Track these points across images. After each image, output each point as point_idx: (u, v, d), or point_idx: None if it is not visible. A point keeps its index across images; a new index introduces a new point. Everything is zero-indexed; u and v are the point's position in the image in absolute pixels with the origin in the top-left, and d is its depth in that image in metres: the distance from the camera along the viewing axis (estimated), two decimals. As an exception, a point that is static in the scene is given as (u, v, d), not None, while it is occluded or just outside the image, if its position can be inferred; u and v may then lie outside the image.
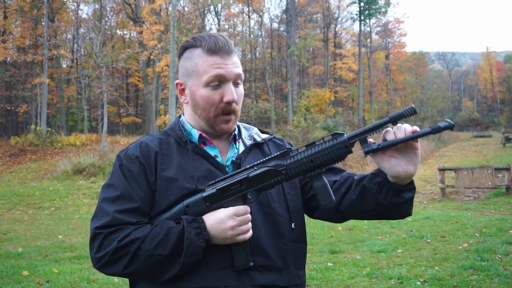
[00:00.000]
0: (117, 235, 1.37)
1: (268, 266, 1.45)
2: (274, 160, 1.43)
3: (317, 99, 36.35)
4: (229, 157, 1.55)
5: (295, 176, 1.43)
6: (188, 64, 1.52)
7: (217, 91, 1.48)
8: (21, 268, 6.35)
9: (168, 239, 1.36)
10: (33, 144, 24.40)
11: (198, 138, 1.54)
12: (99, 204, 1.45)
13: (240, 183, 1.42)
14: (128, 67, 36.37)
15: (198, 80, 1.49)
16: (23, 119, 37.19)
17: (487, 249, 6.44)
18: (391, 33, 50.87)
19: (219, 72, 1.46)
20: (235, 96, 1.48)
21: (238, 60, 1.53)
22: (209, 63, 1.47)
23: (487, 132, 45.76)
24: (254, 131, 1.66)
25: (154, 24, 29.93)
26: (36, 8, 32.06)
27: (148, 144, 1.51)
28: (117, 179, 1.46)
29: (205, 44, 1.48)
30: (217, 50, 1.47)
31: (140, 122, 39.29)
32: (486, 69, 69.74)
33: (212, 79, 1.46)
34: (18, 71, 31.98)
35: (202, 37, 1.51)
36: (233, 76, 1.48)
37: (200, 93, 1.49)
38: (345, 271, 5.82)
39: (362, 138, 1.38)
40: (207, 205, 1.42)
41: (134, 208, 1.42)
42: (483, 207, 12.29)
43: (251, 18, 40.61)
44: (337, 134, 1.40)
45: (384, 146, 1.38)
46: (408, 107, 1.34)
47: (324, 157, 1.39)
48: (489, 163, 19.72)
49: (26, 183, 17.93)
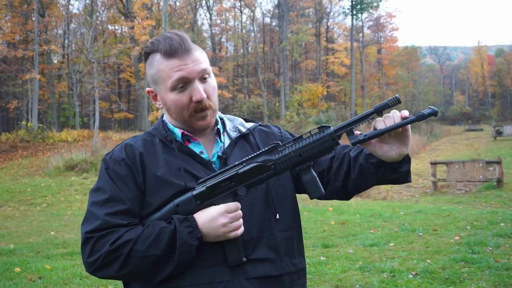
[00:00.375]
0: (109, 238, 1.37)
1: (260, 259, 1.46)
2: (262, 155, 1.44)
3: (310, 93, 36.39)
4: (215, 152, 1.55)
5: (284, 170, 1.44)
6: (152, 71, 1.51)
7: (184, 92, 1.47)
8: (13, 265, 6.32)
9: (160, 239, 1.36)
10: (24, 140, 24.24)
11: (181, 136, 1.53)
12: (88, 208, 1.45)
13: (230, 180, 1.43)
14: (120, 62, 36.18)
15: (164, 86, 1.49)
16: (14, 115, 36.93)
17: (478, 242, 6.49)
18: (383, 27, 50.95)
19: (180, 74, 1.45)
20: (203, 94, 1.47)
21: (200, 55, 1.50)
22: (169, 67, 1.46)
23: (478, 125, 46.09)
24: (239, 122, 1.66)
25: (145, 19, 29.76)
26: (26, 3, 31.74)
27: (133, 146, 1.51)
28: (104, 182, 1.46)
29: (161, 48, 1.46)
30: (174, 52, 1.45)
31: (132, 118, 39.12)
32: (477, 63, 70.09)
33: (176, 83, 1.46)
34: (9, 67, 31.69)
35: (158, 41, 1.48)
36: (196, 74, 1.47)
37: (169, 98, 1.49)
38: (337, 264, 5.85)
39: (348, 130, 1.40)
40: (198, 203, 1.43)
41: (123, 210, 1.41)
42: (474, 200, 12.39)
43: (243, 13, 40.56)
44: (324, 127, 1.42)
45: (370, 137, 1.40)
46: (392, 97, 1.38)
47: (312, 151, 1.41)
48: (480, 156, 19.85)
49: (17, 180, 17.82)
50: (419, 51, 64.03)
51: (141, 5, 31.33)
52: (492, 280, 4.83)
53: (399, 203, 12.76)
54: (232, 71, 45.77)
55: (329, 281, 5.22)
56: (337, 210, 11.18)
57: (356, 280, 5.18)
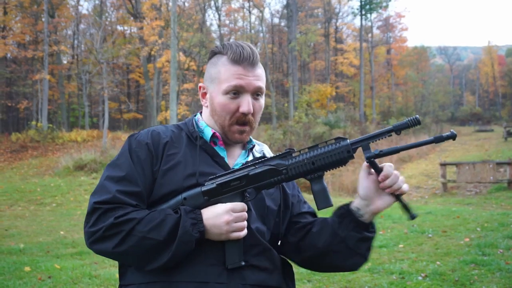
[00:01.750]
0: (115, 212, 1.39)
1: (259, 266, 1.46)
2: (275, 159, 1.45)
3: (318, 94, 36.29)
4: (238, 162, 1.58)
5: (295, 177, 1.44)
6: (212, 70, 1.55)
7: (234, 100, 1.50)
8: (23, 264, 6.35)
9: (163, 224, 1.37)
10: (34, 140, 24.41)
11: (210, 136, 1.55)
12: (101, 181, 1.47)
13: (240, 180, 1.43)
14: (129, 63, 36.32)
15: (219, 87, 1.52)
16: (24, 115, 37.19)
17: (489, 244, 6.44)
18: (392, 27, 50.72)
19: (239, 82, 1.48)
20: (251, 108, 1.50)
21: (262, 73, 1.54)
22: (231, 72, 1.49)
23: (488, 126, 45.68)
24: (265, 148, 1.70)
25: (154, 20, 29.87)
26: (36, 4, 31.99)
27: (160, 134, 1.54)
28: (124, 160, 1.48)
29: (230, 52, 1.50)
30: (241, 61, 1.49)
31: (141, 118, 39.29)
32: (487, 63, 69.51)
33: (231, 89, 1.49)
34: (19, 67, 31.95)
35: (230, 45, 1.53)
36: (252, 89, 1.50)
37: (219, 100, 1.52)
38: (346, 266, 5.82)
39: (364, 144, 1.40)
40: (205, 199, 1.43)
41: (135, 192, 1.44)
42: (485, 202, 12.29)
43: (252, 13, 40.54)
44: (340, 138, 1.42)
45: (386, 152, 1.39)
46: (412, 117, 1.37)
47: (325, 160, 1.41)
48: (490, 157, 19.69)
49: (27, 179, 17.95)
50: (428, 51, 63.66)
51: (150, 6, 31.45)
52: (503, 282, 4.79)
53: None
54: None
55: (337, 283, 5.20)
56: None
57: (365, 282, 5.15)
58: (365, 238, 1.48)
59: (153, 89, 31.58)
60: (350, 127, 29.58)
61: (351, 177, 17.50)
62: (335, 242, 1.49)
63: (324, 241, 1.51)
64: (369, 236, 1.49)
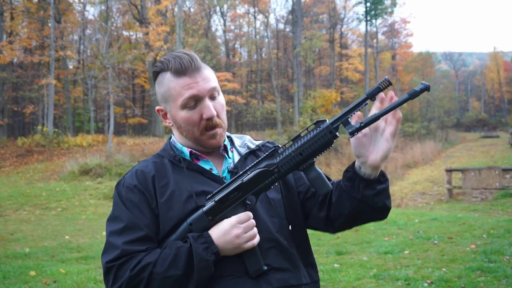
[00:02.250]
0: (129, 264, 1.38)
1: (279, 268, 1.46)
2: (264, 161, 1.45)
3: (323, 99, 36.27)
4: (224, 168, 1.57)
5: (288, 172, 1.44)
6: (162, 90, 1.54)
7: (195, 110, 1.49)
8: (28, 268, 6.37)
9: (178, 259, 1.37)
10: (40, 145, 24.50)
11: (189, 154, 1.55)
12: (107, 239, 1.47)
13: (237, 190, 1.43)
14: (134, 68, 36.44)
15: (175, 104, 1.50)
16: (30, 120, 37.35)
17: (495, 251, 6.40)
18: (398, 33, 50.69)
19: (191, 92, 1.47)
20: (213, 111, 1.49)
21: (209, 73, 1.52)
22: (180, 85, 1.48)
23: (494, 132, 45.55)
24: (247, 139, 1.68)
25: (160, 25, 29.99)
26: (42, 9, 32.21)
27: (143, 171, 1.52)
28: (120, 210, 1.48)
29: (171, 66, 1.49)
30: (184, 71, 1.47)
31: (146, 123, 39.36)
32: (493, 69, 69.35)
33: (187, 101, 1.48)
34: (25, 72, 32.12)
35: (168, 60, 1.51)
36: (206, 92, 1.49)
37: (180, 116, 1.51)
38: (351, 272, 5.80)
39: (344, 121, 1.38)
40: (210, 219, 1.43)
41: (141, 237, 1.43)
42: (491, 208, 12.23)
43: (257, 18, 40.68)
44: (320, 121, 1.41)
45: (367, 123, 1.37)
46: (382, 79, 1.35)
47: (311, 147, 1.40)
48: (496, 163, 19.60)
49: (33, 184, 18.01)
50: (434, 57, 63.52)
51: (155, 12, 31.60)
52: (510, 289, 4.76)
53: (414, 211, 12.64)
54: (245, 77, 45.89)
55: (343, 289, 5.18)
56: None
57: (370, 288, 5.13)
58: (379, 191, 1.46)
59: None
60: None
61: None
62: (355, 205, 1.47)
63: (347, 207, 1.49)
64: (382, 188, 1.47)
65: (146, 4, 33.68)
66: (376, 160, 1.42)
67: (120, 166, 18.66)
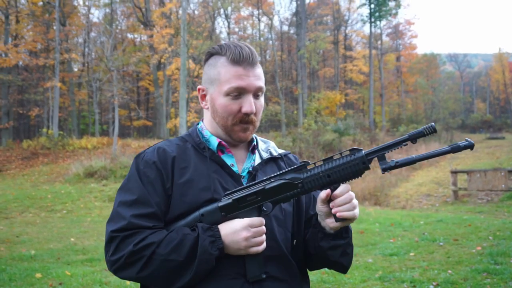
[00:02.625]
0: (133, 238, 1.39)
1: (279, 278, 1.47)
2: (290, 173, 1.44)
3: (328, 101, 36.25)
4: (245, 167, 1.57)
5: (311, 190, 1.43)
6: (212, 72, 1.53)
7: (236, 101, 1.49)
8: (34, 271, 6.39)
9: (183, 245, 1.37)
10: (45, 148, 24.60)
11: (217, 146, 1.54)
12: (115, 207, 1.47)
13: (256, 195, 1.43)
14: (139, 70, 36.56)
15: (219, 88, 1.50)
16: (35, 123, 37.51)
17: (501, 252, 6.37)
18: (402, 34, 50.63)
19: (240, 83, 1.48)
20: (254, 108, 1.50)
21: (261, 72, 1.54)
22: (232, 74, 1.48)
23: (500, 134, 45.30)
24: (271, 145, 1.68)
25: (164, 28, 30.06)
26: (47, 13, 32.35)
27: (166, 150, 1.52)
28: (134, 183, 1.48)
29: (229, 53, 1.49)
30: (241, 61, 1.48)
31: (151, 125, 39.45)
32: (498, 70, 69.08)
33: (233, 90, 1.48)
34: (30, 75, 32.28)
35: (228, 46, 1.52)
36: (253, 89, 1.50)
37: (220, 102, 1.51)
38: (357, 274, 5.79)
39: (380, 155, 1.37)
40: (223, 215, 1.43)
41: (150, 213, 1.43)
42: (497, 210, 12.17)
43: (261, 21, 40.66)
44: (355, 149, 1.40)
45: (402, 164, 1.37)
46: (428, 125, 1.34)
47: (341, 172, 1.39)
48: (502, 165, 19.51)
49: (38, 186, 18.07)
50: (438, 58, 63.35)
51: (160, 14, 31.69)
52: (516, 292, 4.73)
53: (419, 212, 12.60)
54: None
55: (348, 291, 5.17)
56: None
57: (376, 290, 5.12)
58: (334, 246, 1.48)
59: (162, 97, 31.73)
60: (360, 134, 29.49)
61: (361, 184, 17.42)
62: (316, 249, 1.51)
63: (311, 250, 1.55)
64: (339, 244, 1.48)
65: (151, 6, 33.82)
66: (330, 227, 1.46)
67: (125, 168, 18.69)
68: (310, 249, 1.55)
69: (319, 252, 1.51)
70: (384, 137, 32.01)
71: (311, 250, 1.55)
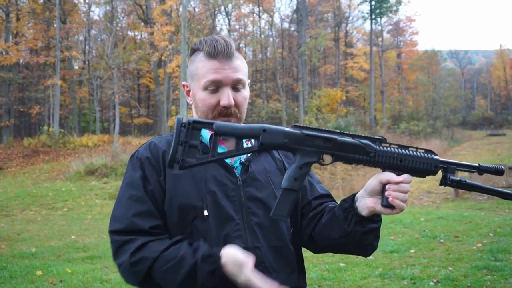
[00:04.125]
0: (129, 246, 1.39)
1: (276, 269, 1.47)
2: (367, 139, 1.39)
3: (328, 98, 36.22)
4: (237, 158, 1.55)
5: (379, 164, 1.39)
6: (191, 67, 1.56)
7: (214, 95, 1.50)
8: (34, 268, 6.40)
9: (180, 267, 1.34)
10: (46, 145, 24.62)
11: (209, 138, 1.54)
12: (115, 205, 1.49)
13: (325, 141, 1.35)
14: (140, 68, 36.55)
15: (198, 83, 1.52)
16: (36, 121, 37.53)
17: (502, 249, 6.37)
18: (403, 31, 50.55)
19: (216, 77, 1.48)
20: (232, 101, 1.49)
21: (240, 64, 1.52)
22: (208, 68, 1.49)
23: (500, 130, 45.32)
24: None
25: (165, 25, 30.03)
26: (48, 10, 32.34)
27: (157, 144, 1.54)
28: (130, 180, 1.49)
29: (206, 47, 1.50)
30: (216, 55, 1.49)
31: (152, 123, 39.44)
32: (499, 67, 69.01)
33: (209, 84, 1.49)
34: (31, 73, 32.28)
35: (205, 41, 1.53)
36: (230, 81, 1.49)
37: (199, 96, 1.53)
38: (357, 271, 5.79)
39: (451, 168, 1.39)
40: (285, 142, 1.33)
41: (146, 211, 1.43)
42: (497, 207, 12.16)
43: (262, 18, 40.64)
44: (430, 151, 1.40)
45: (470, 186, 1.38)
46: (498, 167, 1.40)
47: (413, 163, 1.38)
48: (503, 162, 19.50)
49: (39, 184, 18.09)
50: (439, 55, 63.22)
51: (160, 12, 31.63)
52: (516, 288, 4.73)
53: (420, 209, 12.60)
54: (250, 76, 45.85)
55: (348, 288, 5.17)
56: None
57: (376, 287, 5.12)
58: (369, 230, 1.47)
59: (163, 94, 31.73)
60: (361, 131, 29.48)
61: (362, 182, 17.42)
62: (343, 235, 1.48)
63: (335, 235, 1.50)
64: (373, 228, 1.47)
65: (151, 4, 33.76)
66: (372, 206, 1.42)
67: (126, 166, 18.72)
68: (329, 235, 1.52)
69: (347, 238, 1.48)
70: (385, 134, 31.99)
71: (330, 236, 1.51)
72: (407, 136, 33.20)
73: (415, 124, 36.18)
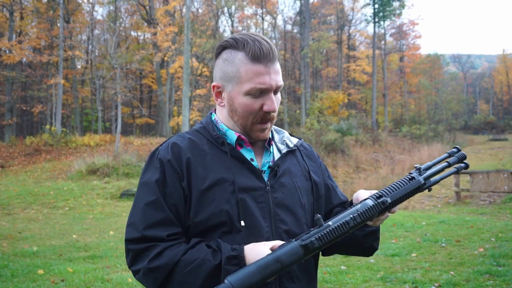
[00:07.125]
0: (148, 253, 1.36)
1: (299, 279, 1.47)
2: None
3: (331, 101, 36.24)
4: (265, 161, 1.52)
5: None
6: (229, 69, 1.44)
7: (257, 99, 1.43)
8: (36, 267, 6.41)
9: (202, 269, 1.32)
10: (48, 144, 24.64)
11: (236, 140, 1.48)
12: (131, 209, 1.45)
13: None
14: (142, 68, 36.60)
15: (239, 87, 1.43)
16: (38, 119, 37.61)
17: (504, 254, 6.35)
18: (406, 35, 50.55)
19: (262, 83, 1.40)
20: (276, 106, 1.44)
21: (279, 67, 1.46)
22: (253, 72, 1.40)
23: (503, 135, 45.25)
24: (286, 135, 1.63)
25: (168, 26, 30.10)
26: (52, 10, 32.41)
27: (179, 146, 1.45)
28: (148, 183, 1.43)
29: (249, 49, 1.40)
30: (262, 58, 1.40)
31: (154, 123, 39.49)
32: (502, 72, 68.97)
33: (255, 91, 1.41)
34: (34, 72, 32.33)
35: (246, 41, 1.42)
36: (275, 86, 1.43)
37: (240, 101, 1.43)
38: (358, 274, 5.78)
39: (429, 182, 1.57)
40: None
41: (164, 219, 1.39)
42: (499, 212, 12.13)
43: (265, 20, 40.63)
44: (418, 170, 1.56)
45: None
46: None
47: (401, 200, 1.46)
48: (505, 166, 19.47)
49: (41, 183, 18.10)
50: (442, 59, 63.24)
51: (164, 12, 31.71)
52: (518, 294, 4.72)
53: (421, 213, 12.58)
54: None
55: (350, 291, 5.17)
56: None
57: (377, 291, 5.11)
58: (369, 233, 1.52)
59: (165, 95, 31.77)
60: (362, 134, 29.47)
61: (363, 184, 17.42)
62: (345, 239, 1.51)
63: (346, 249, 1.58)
64: (372, 230, 1.52)
65: (155, 4, 33.83)
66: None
67: (127, 166, 18.71)
68: None
69: (349, 241, 1.54)
70: (386, 137, 31.97)
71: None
72: (409, 140, 33.18)
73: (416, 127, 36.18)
